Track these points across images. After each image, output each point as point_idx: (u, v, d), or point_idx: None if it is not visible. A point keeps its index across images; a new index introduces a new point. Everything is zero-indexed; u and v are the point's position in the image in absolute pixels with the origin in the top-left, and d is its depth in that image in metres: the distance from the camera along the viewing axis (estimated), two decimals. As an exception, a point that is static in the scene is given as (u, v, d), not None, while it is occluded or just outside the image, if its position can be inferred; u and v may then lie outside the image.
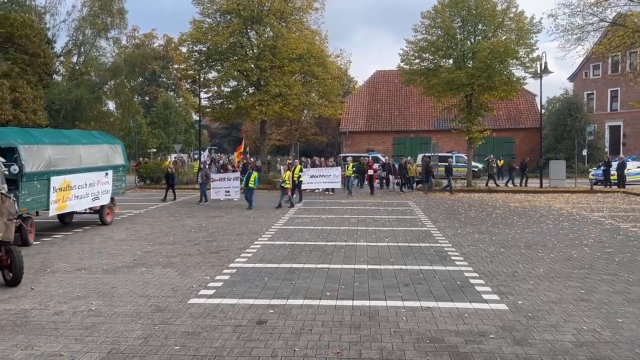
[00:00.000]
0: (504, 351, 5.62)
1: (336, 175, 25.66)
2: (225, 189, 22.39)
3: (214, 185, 22.54)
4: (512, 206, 20.27)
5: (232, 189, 22.38)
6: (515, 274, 9.14)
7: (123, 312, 7.08)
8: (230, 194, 22.41)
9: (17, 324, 6.66)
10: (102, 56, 42.97)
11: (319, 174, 26.07)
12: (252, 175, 20.45)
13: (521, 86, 29.90)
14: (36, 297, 7.93)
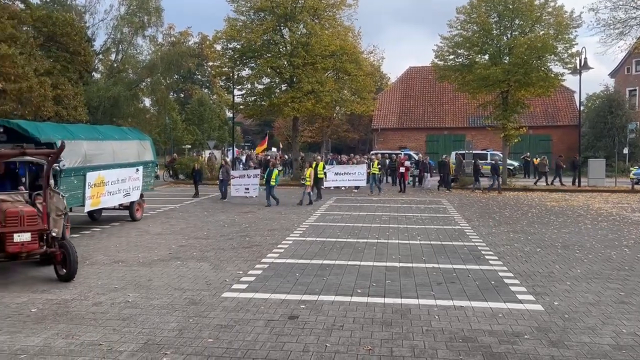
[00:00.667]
0: (539, 352, 5.51)
1: (361, 173, 25.05)
2: (245, 186, 22.00)
3: (234, 182, 22.20)
4: (548, 205, 19.82)
5: (251, 186, 21.95)
6: (551, 275, 8.94)
7: (159, 305, 7.25)
8: (250, 191, 21.97)
9: (59, 313, 6.89)
10: (139, 54, 43.98)
11: (344, 171, 25.62)
12: (273, 172, 20.05)
13: (559, 82, 29.10)
14: (76, 288, 8.19)
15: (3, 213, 8.12)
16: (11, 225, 8.07)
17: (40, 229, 8.42)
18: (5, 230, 8.01)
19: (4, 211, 8.14)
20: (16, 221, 8.13)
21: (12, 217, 8.13)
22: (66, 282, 8.41)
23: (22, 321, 6.58)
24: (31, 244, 8.25)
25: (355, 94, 34.94)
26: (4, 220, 8.06)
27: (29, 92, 22.47)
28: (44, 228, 8.48)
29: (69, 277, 8.50)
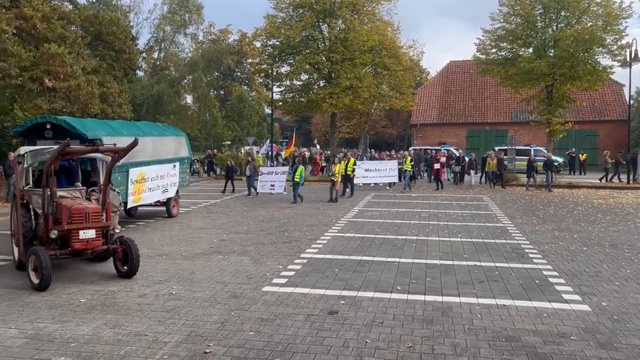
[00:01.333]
0: (587, 354, 5.35)
1: (392, 169, 24.31)
2: (271, 182, 21.54)
3: (261, 178, 21.85)
4: (595, 203, 19.16)
5: (277, 183, 21.45)
6: (599, 274, 8.66)
7: (201, 297, 7.40)
8: (275, 187, 21.45)
9: (106, 304, 7.13)
10: (180, 52, 44.91)
11: (374, 167, 24.86)
12: (299, 169, 19.86)
13: (607, 76, 28.04)
14: (122, 279, 8.45)
15: (68, 210, 8.03)
16: (77, 222, 8.00)
17: (104, 225, 8.42)
18: (72, 227, 7.95)
19: (69, 208, 8.05)
20: (81, 218, 8.05)
21: (78, 214, 8.03)
22: (127, 278, 8.38)
23: (72, 311, 6.84)
24: (96, 240, 8.23)
25: (394, 89, 34.69)
26: (69, 217, 7.98)
27: (77, 90, 23.25)
28: (107, 225, 8.48)
29: (130, 274, 8.43)
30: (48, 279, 7.62)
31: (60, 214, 8.16)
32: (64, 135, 11.43)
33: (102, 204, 8.58)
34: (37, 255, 7.66)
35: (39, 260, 7.61)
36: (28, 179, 8.69)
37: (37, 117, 13.21)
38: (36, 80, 22.35)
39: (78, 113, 22.84)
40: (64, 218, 8.00)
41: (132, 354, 5.43)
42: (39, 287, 7.65)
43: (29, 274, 7.86)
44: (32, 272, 7.82)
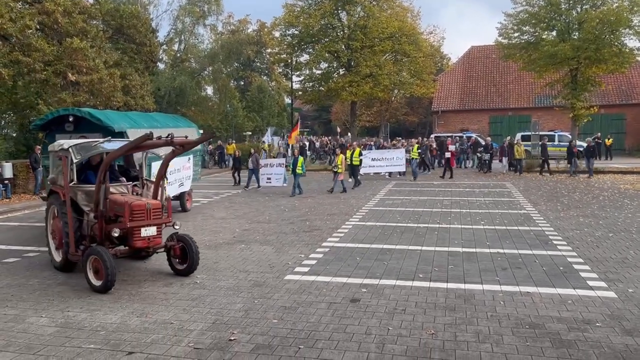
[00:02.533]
0: (612, 341, 5.29)
1: (399, 158, 23.69)
2: (267, 175, 20.85)
3: (261, 171, 21.03)
4: (622, 188, 18.78)
5: (273, 176, 20.69)
6: (625, 261, 8.52)
7: (225, 286, 7.51)
8: (272, 181, 20.70)
9: (133, 293, 7.29)
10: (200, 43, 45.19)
11: (381, 156, 24.22)
12: (299, 160, 18.97)
13: (634, 58, 27.28)
14: (147, 269, 8.61)
15: (130, 207, 7.52)
16: (138, 220, 7.57)
17: (165, 222, 8.01)
18: (134, 224, 7.53)
19: (131, 205, 7.54)
20: (143, 215, 7.61)
21: (139, 211, 7.59)
22: (184, 276, 8.02)
23: (100, 300, 7.01)
24: (157, 238, 7.85)
25: (414, 75, 34.36)
26: (130, 215, 7.51)
27: (99, 83, 23.61)
28: (168, 221, 8.07)
29: (189, 272, 8.05)
30: (113, 280, 7.19)
31: (114, 211, 7.74)
32: (86, 129, 11.24)
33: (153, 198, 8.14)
34: (100, 256, 7.19)
35: (102, 261, 7.16)
36: (73, 174, 8.12)
37: (59, 110, 12.65)
38: (60, 75, 22.73)
39: (101, 106, 23.20)
40: (125, 215, 7.47)
41: (158, 341, 5.55)
42: (102, 289, 7.21)
43: (87, 275, 7.38)
44: (91, 273, 7.36)
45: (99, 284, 7.26)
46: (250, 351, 5.24)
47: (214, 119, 45.95)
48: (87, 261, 7.40)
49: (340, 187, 19.06)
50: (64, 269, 8.44)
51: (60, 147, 8.41)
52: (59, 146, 8.49)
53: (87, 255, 7.45)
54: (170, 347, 5.40)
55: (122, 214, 7.56)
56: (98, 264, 7.26)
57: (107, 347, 5.43)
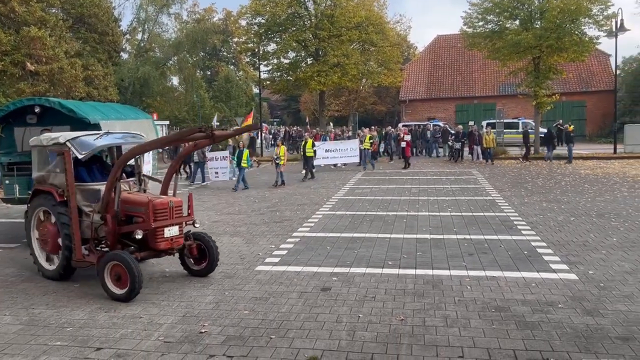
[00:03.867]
0: (574, 321, 5.49)
1: (353, 149, 23.48)
2: (215, 169, 19.63)
3: (209, 165, 19.82)
4: (582, 174, 19.39)
5: (220, 170, 19.57)
6: (586, 244, 8.82)
7: (195, 278, 7.46)
8: (219, 175, 19.51)
9: (100, 288, 7.15)
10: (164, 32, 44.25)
11: (335, 147, 23.92)
12: (244, 153, 17.91)
13: (594, 46, 28.03)
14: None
15: (152, 205, 6.84)
16: (161, 219, 6.91)
17: (186, 220, 7.41)
18: (158, 225, 6.86)
19: (153, 203, 6.88)
20: (166, 214, 6.98)
21: (162, 209, 6.95)
22: (202, 277, 7.50)
23: (66, 296, 6.87)
24: (179, 238, 7.21)
25: (382, 65, 34.56)
26: (153, 214, 6.83)
27: (60, 73, 22.94)
28: (190, 219, 7.49)
29: (207, 272, 7.52)
30: (140, 287, 6.50)
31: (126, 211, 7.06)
32: (51, 121, 10.30)
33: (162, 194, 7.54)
34: (124, 261, 6.45)
35: (126, 266, 6.43)
36: None
37: (23, 100, 11.25)
38: (18, 65, 21.99)
39: (62, 96, 22.56)
40: (150, 215, 6.79)
41: (127, 336, 5.49)
42: (126, 297, 6.48)
43: (105, 283, 6.64)
44: (110, 280, 6.62)
45: (122, 291, 6.51)
46: (221, 343, 5.23)
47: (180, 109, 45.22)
48: (105, 268, 6.62)
49: (279, 180, 18.23)
50: (61, 277, 7.47)
51: (53, 141, 7.46)
52: (49, 140, 7.55)
53: (105, 261, 6.65)
54: (140, 341, 5.34)
55: (140, 214, 6.92)
56: (121, 270, 6.50)
57: (74, 343, 5.34)
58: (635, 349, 4.81)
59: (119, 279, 6.57)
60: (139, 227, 6.86)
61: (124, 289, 6.51)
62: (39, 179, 7.84)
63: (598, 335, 5.14)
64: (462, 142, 26.27)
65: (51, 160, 7.74)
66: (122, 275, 6.52)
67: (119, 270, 6.54)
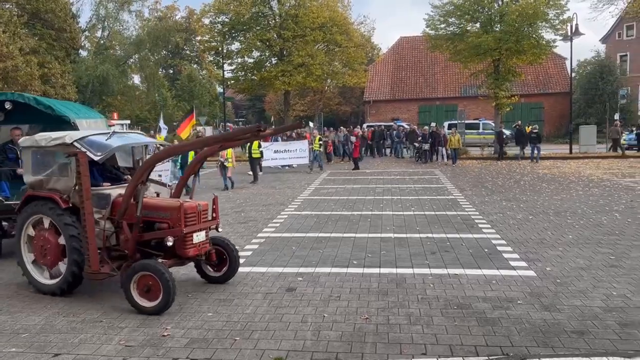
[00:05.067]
0: (532, 317, 5.65)
1: (303, 150, 23.31)
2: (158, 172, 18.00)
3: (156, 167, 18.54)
4: (540, 173, 19.98)
5: (163, 172, 18.23)
6: (543, 241, 9.09)
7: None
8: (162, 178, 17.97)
9: (57, 292, 6.94)
10: (125, 30, 43.30)
11: (284, 148, 23.61)
12: (190, 155, 16.46)
13: (551, 49, 29.01)
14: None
15: (183, 210, 6.32)
16: (191, 224, 6.43)
17: (212, 225, 6.95)
18: (188, 230, 6.35)
19: (184, 207, 6.37)
20: (195, 218, 6.53)
21: (192, 213, 6.48)
22: (219, 284, 7.09)
23: (21, 301, 6.64)
24: (206, 243, 6.74)
25: (346, 65, 34.76)
26: (183, 218, 6.30)
27: (14, 71, 22.18)
28: (216, 223, 7.03)
29: (226, 279, 7.12)
30: (174, 298, 6.01)
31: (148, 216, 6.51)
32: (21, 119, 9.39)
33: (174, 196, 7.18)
34: (156, 271, 5.93)
35: (159, 277, 5.90)
36: None
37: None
38: (-31, 62, 21.15)
39: (18, 96, 21.78)
40: (181, 220, 6.27)
41: (87, 340, 5.34)
42: (159, 310, 5.96)
43: (131, 296, 6.07)
44: (137, 293, 6.07)
45: (154, 304, 5.98)
46: (184, 346, 5.15)
47: (141, 108, 44.40)
48: (131, 279, 6.06)
49: (229, 184, 17.47)
50: (62, 292, 6.71)
51: (55, 141, 6.67)
52: (49, 140, 6.76)
53: (133, 271, 6.08)
54: (100, 346, 5.21)
55: (165, 219, 6.42)
56: (151, 280, 5.97)
57: (31, 349, 5.16)
58: (589, 342, 4.98)
59: (148, 290, 6.02)
60: (169, 233, 6.31)
61: (155, 301, 5.98)
62: (35, 183, 6.97)
63: (555, 329, 5.30)
64: (430, 143, 26.19)
65: (50, 163, 7.05)
66: (153, 286, 5.98)
67: (149, 281, 5.99)
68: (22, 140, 7.35)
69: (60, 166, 6.91)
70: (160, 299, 5.94)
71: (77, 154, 6.24)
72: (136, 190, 6.38)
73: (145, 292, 6.04)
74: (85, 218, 6.24)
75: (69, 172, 6.70)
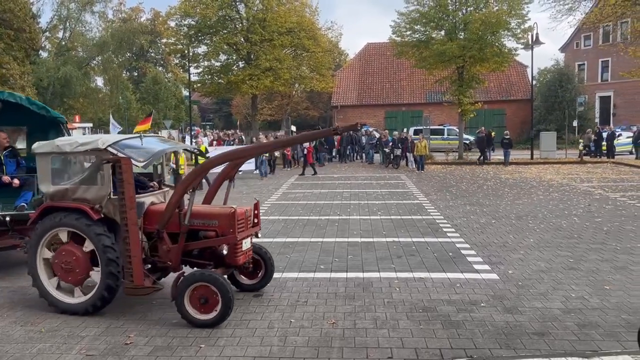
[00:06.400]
0: (495, 319, 5.77)
1: None
2: None
3: None
4: (503, 178, 20.45)
5: None
6: (506, 245, 9.30)
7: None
8: None
9: (15, 300, 6.72)
10: (88, 31, 42.40)
11: None
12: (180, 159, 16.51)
13: (512, 57, 29.82)
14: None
15: (235, 216, 6.07)
16: (242, 231, 6.18)
17: (256, 230, 6.72)
18: (240, 237, 6.10)
19: (237, 213, 6.14)
20: (244, 225, 6.29)
21: (242, 220, 6.25)
22: (252, 291, 6.86)
23: (-24, 310, 6.39)
24: (250, 250, 6.52)
25: (314, 70, 34.81)
26: (235, 225, 6.05)
27: (-30, 72, 21.42)
28: (258, 229, 6.81)
29: (262, 287, 6.89)
30: (231, 309, 5.72)
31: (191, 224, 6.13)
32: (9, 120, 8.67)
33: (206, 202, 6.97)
34: (215, 282, 5.62)
35: (218, 287, 5.60)
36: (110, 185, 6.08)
37: None
38: None
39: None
40: (234, 226, 6.02)
41: (45, 350, 5.18)
42: (215, 322, 5.65)
43: (184, 309, 5.70)
44: (191, 305, 5.71)
45: (210, 317, 5.65)
46: (148, 354, 5.05)
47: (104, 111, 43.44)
48: (185, 291, 5.71)
49: None
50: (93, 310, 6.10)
51: (85, 146, 6.12)
52: (76, 146, 6.18)
53: (187, 283, 5.72)
54: (60, 355, 5.06)
55: (212, 227, 6.12)
56: (208, 291, 5.65)
57: (-15, 361, 4.97)
58: (549, 343, 5.12)
59: (205, 302, 5.67)
60: (223, 241, 6.03)
61: (211, 313, 5.65)
62: (56, 194, 6.29)
63: (517, 331, 5.42)
64: (401, 148, 25.99)
65: (75, 171, 6.57)
66: (210, 297, 5.66)
67: (205, 292, 5.67)
68: (37, 146, 6.53)
69: (91, 173, 6.34)
70: (218, 311, 5.63)
71: (121, 160, 5.76)
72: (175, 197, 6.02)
73: (203, 303, 5.69)
74: (129, 229, 5.79)
75: (98, 180, 6.18)
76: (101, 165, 6.05)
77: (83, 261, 6.08)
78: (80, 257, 6.08)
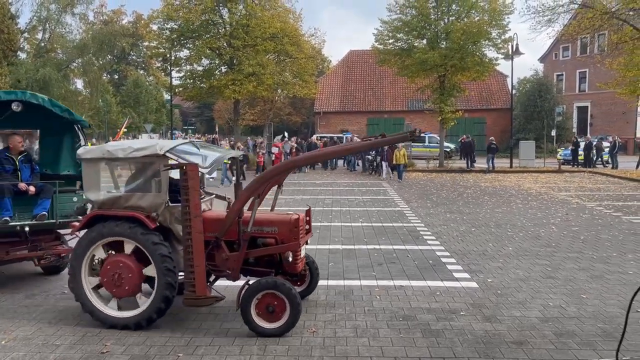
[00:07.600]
0: (474, 327, 5.80)
1: None
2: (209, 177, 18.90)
3: None
4: (482, 186, 20.67)
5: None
6: (485, 253, 9.38)
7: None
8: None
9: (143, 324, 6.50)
10: (68, 33, 41.85)
11: None
12: None
13: (493, 67, 30.27)
14: (6, 282, 7.79)
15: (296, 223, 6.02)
16: (301, 238, 6.09)
17: (309, 237, 6.57)
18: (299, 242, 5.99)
19: (298, 219, 6.09)
20: (302, 231, 6.16)
21: (301, 226, 6.15)
22: None
23: (-53, 318, 6.21)
24: (304, 257, 6.37)
25: (296, 76, 34.81)
26: (298, 231, 5.98)
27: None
28: (311, 235, 6.65)
29: (307, 294, 6.69)
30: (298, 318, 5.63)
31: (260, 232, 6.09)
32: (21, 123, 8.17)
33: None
34: (284, 290, 5.50)
35: (287, 295, 5.49)
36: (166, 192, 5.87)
37: None
38: None
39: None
40: (296, 233, 5.98)
41: (18, 359, 5.05)
42: (281, 331, 5.53)
43: (250, 318, 5.55)
44: (257, 313, 5.57)
45: (276, 325, 5.53)
46: (125, 363, 4.96)
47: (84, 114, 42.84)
48: (252, 300, 5.56)
49: None
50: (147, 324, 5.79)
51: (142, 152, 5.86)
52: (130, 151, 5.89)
53: (254, 291, 5.57)
54: (33, 365, 4.94)
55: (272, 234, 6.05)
56: (275, 300, 5.53)
57: (-45, 371, 4.83)
58: (528, 352, 5.16)
59: (272, 311, 5.54)
60: (287, 249, 5.91)
61: (278, 322, 5.54)
62: (106, 202, 6.01)
63: (496, 340, 5.46)
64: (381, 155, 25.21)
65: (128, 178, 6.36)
66: (277, 306, 5.53)
67: (272, 300, 5.53)
68: (83, 151, 6.20)
69: (146, 180, 6.13)
70: (286, 320, 5.52)
71: (186, 166, 5.53)
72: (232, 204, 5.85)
73: (270, 312, 5.55)
74: (192, 237, 5.53)
75: (153, 187, 5.99)
76: (158, 172, 5.86)
77: (134, 272, 5.79)
78: (131, 268, 5.79)
